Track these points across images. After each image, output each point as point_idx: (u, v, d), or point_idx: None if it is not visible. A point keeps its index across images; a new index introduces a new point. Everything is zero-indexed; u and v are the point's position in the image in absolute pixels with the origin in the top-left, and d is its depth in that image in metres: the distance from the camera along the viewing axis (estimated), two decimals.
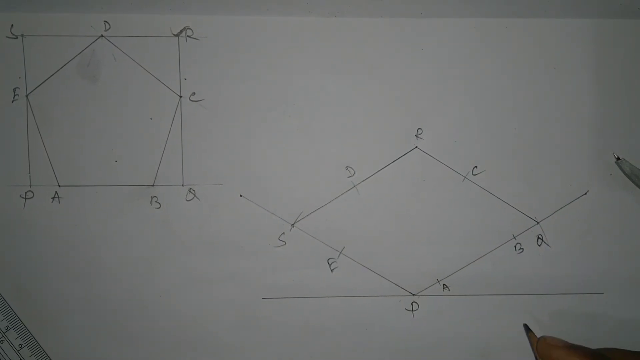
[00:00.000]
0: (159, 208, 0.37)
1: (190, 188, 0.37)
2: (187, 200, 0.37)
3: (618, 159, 0.37)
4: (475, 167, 0.38)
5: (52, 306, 0.38)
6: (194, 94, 0.37)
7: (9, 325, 0.37)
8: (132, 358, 0.38)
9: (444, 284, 0.38)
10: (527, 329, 0.38)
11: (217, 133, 0.37)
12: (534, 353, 0.36)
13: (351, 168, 0.38)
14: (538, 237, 0.38)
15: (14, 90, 0.37)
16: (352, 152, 0.38)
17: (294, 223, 0.38)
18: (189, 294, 0.38)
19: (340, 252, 0.38)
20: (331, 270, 0.38)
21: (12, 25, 0.36)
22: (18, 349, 0.37)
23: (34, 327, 0.38)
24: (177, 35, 0.37)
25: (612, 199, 0.38)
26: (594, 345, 0.34)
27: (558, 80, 0.38)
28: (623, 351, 0.34)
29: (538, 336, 0.36)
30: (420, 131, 0.38)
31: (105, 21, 0.37)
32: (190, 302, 0.38)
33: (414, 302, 0.38)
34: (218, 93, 0.37)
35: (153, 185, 0.37)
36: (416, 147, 0.38)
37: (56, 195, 0.37)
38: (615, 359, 0.33)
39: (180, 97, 0.37)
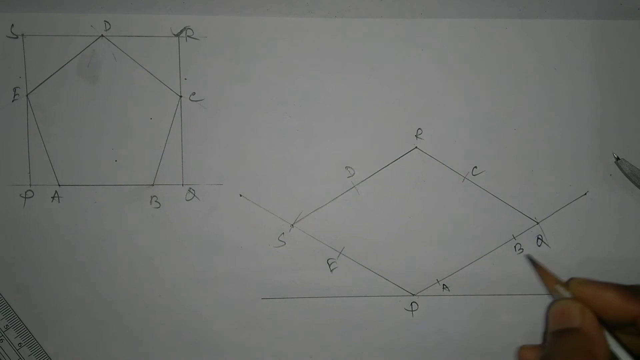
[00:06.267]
0: (158, 208, 0.37)
1: (190, 188, 0.37)
2: (187, 200, 0.37)
3: (618, 158, 0.37)
4: (475, 167, 0.38)
5: (52, 306, 0.38)
6: (194, 93, 0.37)
7: (9, 324, 0.37)
8: (132, 358, 0.38)
9: (443, 284, 0.38)
10: (531, 260, 0.35)
11: (217, 133, 0.37)
12: (546, 287, 0.33)
13: (351, 168, 0.38)
14: (538, 238, 0.38)
15: (15, 89, 0.37)
16: (352, 152, 0.38)
17: (294, 223, 0.38)
18: (189, 294, 0.38)
19: (340, 252, 0.38)
20: (331, 271, 0.38)
21: (12, 25, 0.36)
22: (17, 348, 0.37)
23: (34, 327, 0.38)
24: (177, 35, 0.37)
25: (612, 199, 0.38)
26: None
27: (558, 81, 0.38)
28: None
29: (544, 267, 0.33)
30: (420, 131, 0.38)
31: (105, 21, 0.37)
32: (190, 302, 0.38)
33: (413, 302, 0.38)
34: (218, 93, 0.37)
35: (153, 185, 0.37)
36: (416, 147, 0.38)
37: (56, 195, 0.37)
38: None
39: (180, 97, 0.37)
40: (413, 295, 0.38)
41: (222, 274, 0.38)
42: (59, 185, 0.37)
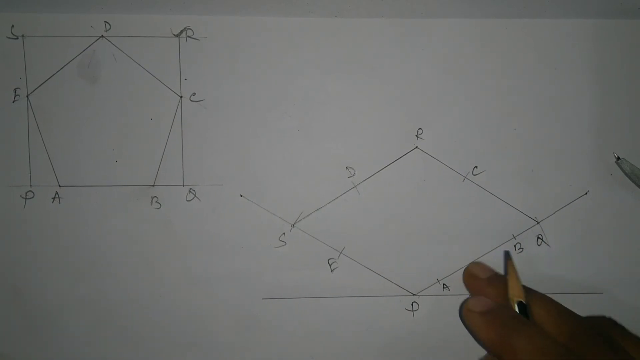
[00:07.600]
0: (159, 208, 0.37)
1: (191, 188, 0.37)
2: (188, 201, 0.37)
3: (618, 158, 0.37)
4: (476, 167, 0.38)
5: (51, 306, 0.38)
6: (194, 94, 0.37)
7: None
8: (132, 358, 0.38)
9: (444, 284, 0.38)
10: (507, 256, 0.37)
11: (217, 133, 0.37)
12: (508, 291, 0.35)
13: (351, 168, 0.38)
14: (538, 237, 0.38)
15: (15, 90, 0.37)
16: (353, 152, 0.38)
17: (295, 223, 0.38)
18: (189, 294, 0.38)
19: (341, 252, 0.38)
20: (331, 271, 0.38)
21: (12, 25, 0.36)
22: None
23: (34, 328, 0.38)
24: (178, 35, 0.37)
25: (612, 199, 0.38)
26: None
27: (558, 81, 0.38)
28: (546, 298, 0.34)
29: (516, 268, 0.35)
30: (420, 131, 0.38)
31: (105, 21, 0.37)
32: (190, 302, 0.38)
33: (414, 302, 0.38)
34: (218, 93, 0.37)
35: (153, 186, 0.37)
36: (416, 147, 0.38)
37: (56, 196, 0.37)
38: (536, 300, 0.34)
39: (181, 97, 0.37)
40: (413, 295, 0.38)
41: (223, 275, 0.38)
42: (60, 186, 0.37)
